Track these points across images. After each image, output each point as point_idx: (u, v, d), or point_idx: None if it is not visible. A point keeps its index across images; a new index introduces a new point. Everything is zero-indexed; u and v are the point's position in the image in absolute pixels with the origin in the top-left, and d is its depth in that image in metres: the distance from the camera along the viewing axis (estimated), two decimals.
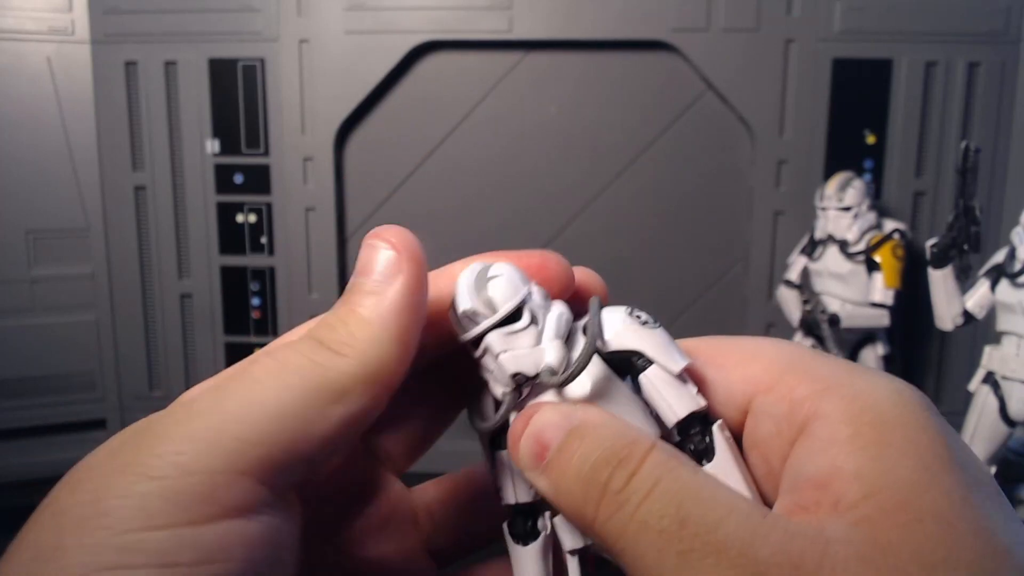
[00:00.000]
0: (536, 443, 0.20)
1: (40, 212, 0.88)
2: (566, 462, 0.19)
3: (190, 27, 0.87)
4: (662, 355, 0.21)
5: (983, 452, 0.69)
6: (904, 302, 0.80)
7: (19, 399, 0.89)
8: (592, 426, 0.19)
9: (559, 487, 0.19)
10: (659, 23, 0.86)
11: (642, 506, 0.17)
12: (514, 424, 0.21)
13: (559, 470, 0.19)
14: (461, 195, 0.93)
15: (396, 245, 0.21)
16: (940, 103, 0.87)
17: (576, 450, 0.19)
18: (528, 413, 0.20)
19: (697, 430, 0.20)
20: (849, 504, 0.16)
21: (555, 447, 0.19)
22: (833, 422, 0.18)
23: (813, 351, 0.21)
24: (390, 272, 0.21)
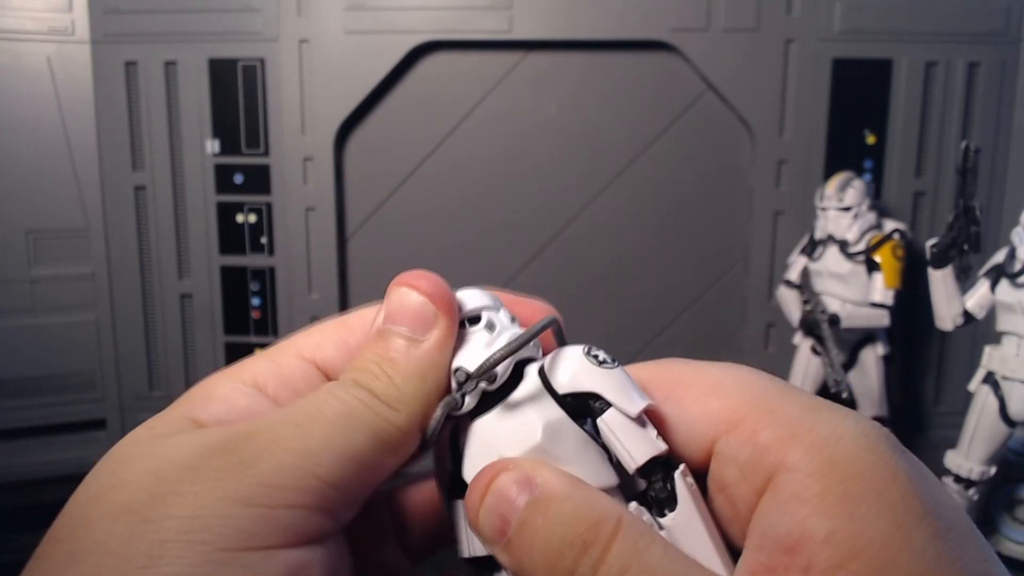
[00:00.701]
0: (496, 517, 0.19)
1: (40, 212, 0.88)
2: (528, 541, 0.19)
3: (190, 27, 0.87)
4: (619, 397, 0.20)
5: (983, 452, 0.69)
6: (904, 302, 0.80)
7: (19, 399, 0.89)
8: (554, 498, 0.19)
9: (522, 567, 0.19)
10: (659, 23, 0.86)
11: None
12: (471, 489, 0.20)
13: (521, 549, 0.19)
14: (461, 195, 0.93)
15: (432, 294, 0.21)
16: (940, 103, 0.87)
17: (538, 527, 0.19)
18: (485, 477, 0.20)
19: (658, 476, 0.19)
20: (820, 571, 0.16)
21: (516, 522, 0.19)
22: (801, 476, 0.17)
23: (775, 383, 0.20)
24: (427, 323, 0.21)
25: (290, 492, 0.18)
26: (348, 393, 0.21)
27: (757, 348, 0.92)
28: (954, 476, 0.71)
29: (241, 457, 0.18)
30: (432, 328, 0.21)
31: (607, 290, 0.94)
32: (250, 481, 0.18)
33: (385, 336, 0.22)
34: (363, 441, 0.20)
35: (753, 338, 0.92)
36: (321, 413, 0.20)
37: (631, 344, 0.94)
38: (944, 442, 0.74)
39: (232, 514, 0.17)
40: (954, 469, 0.71)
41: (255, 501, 0.18)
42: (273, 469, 0.18)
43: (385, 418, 0.20)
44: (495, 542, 0.19)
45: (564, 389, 0.20)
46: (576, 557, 0.18)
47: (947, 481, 0.72)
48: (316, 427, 0.20)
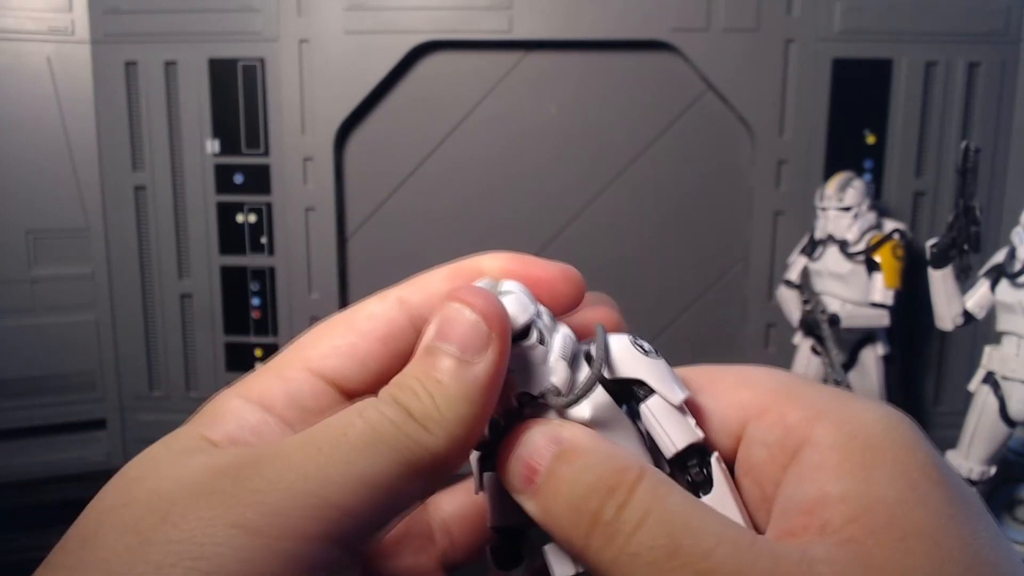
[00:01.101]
0: (524, 466, 0.20)
1: (40, 212, 0.88)
2: (555, 487, 0.19)
3: (190, 27, 0.87)
4: (663, 386, 0.21)
5: (983, 452, 0.69)
6: (904, 302, 0.80)
7: (19, 399, 0.89)
8: (581, 450, 0.19)
9: (549, 512, 0.19)
10: (659, 23, 0.86)
11: (633, 537, 0.17)
12: (504, 442, 0.21)
13: (548, 495, 0.19)
14: (461, 195, 0.93)
15: (487, 314, 0.20)
16: (940, 103, 0.87)
17: (565, 475, 0.19)
18: (516, 434, 0.20)
19: (695, 462, 0.20)
20: (835, 527, 0.17)
21: (544, 471, 0.19)
22: (823, 448, 0.18)
23: (803, 379, 0.21)
24: (479, 344, 0.20)
25: (302, 522, 0.17)
26: (379, 413, 0.19)
27: (757, 348, 0.92)
28: None
29: (252, 484, 0.18)
30: (484, 350, 0.20)
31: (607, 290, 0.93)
32: (259, 510, 0.17)
33: (433, 354, 0.20)
34: (389, 467, 0.18)
35: (753, 338, 0.92)
36: (344, 435, 0.19)
37: None
38: (944, 442, 0.74)
39: (238, 544, 0.17)
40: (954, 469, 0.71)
41: (263, 532, 0.17)
42: (284, 497, 0.17)
43: (417, 441, 0.19)
44: (523, 490, 0.20)
45: (614, 373, 0.21)
46: (601, 500, 0.18)
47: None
48: (337, 451, 0.18)
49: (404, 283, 0.24)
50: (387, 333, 0.23)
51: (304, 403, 0.22)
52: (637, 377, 0.21)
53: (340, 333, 0.23)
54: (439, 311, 0.21)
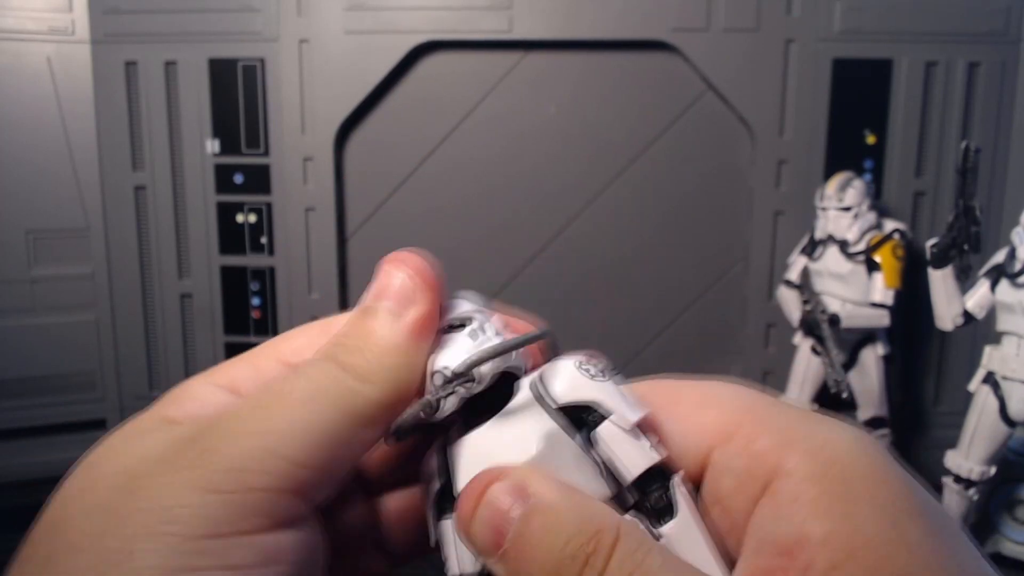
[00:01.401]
0: (490, 529, 0.19)
1: (40, 212, 0.88)
2: (526, 553, 0.18)
3: (190, 27, 0.87)
4: (615, 408, 0.20)
5: (983, 452, 0.69)
6: (904, 302, 0.80)
7: (19, 399, 0.89)
8: (549, 507, 0.19)
9: (522, 566, 0.18)
10: (659, 23, 0.86)
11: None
12: (462, 499, 0.20)
13: (520, 560, 0.18)
14: (461, 195, 0.93)
15: (416, 272, 0.22)
16: (940, 103, 0.87)
17: (535, 539, 0.18)
18: (476, 487, 0.19)
19: (656, 486, 0.20)
20: (818, 572, 0.16)
21: (512, 533, 0.19)
22: (797, 480, 0.18)
23: (766, 396, 0.20)
24: (408, 298, 0.21)
25: (255, 475, 0.18)
26: (317, 369, 0.20)
27: (757, 348, 0.92)
28: (954, 476, 0.71)
29: (206, 445, 0.18)
30: (413, 302, 0.21)
31: (607, 290, 0.94)
32: (215, 468, 0.18)
33: (366, 312, 0.22)
34: (332, 416, 0.20)
35: (753, 338, 0.92)
36: (288, 393, 0.20)
37: (631, 344, 0.94)
38: (944, 442, 0.74)
39: (198, 502, 0.17)
40: (954, 469, 0.71)
41: (221, 487, 0.18)
42: (237, 453, 0.18)
43: (356, 391, 0.20)
44: (490, 554, 0.19)
45: (560, 400, 0.20)
46: (578, 569, 0.18)
47: (947, 481, 0.72)
48: (281, 407, 0.19)
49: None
50: None
51: None
52: (588, 400, 0.20)
53: (315, 332, 0.24)
54: (376, 276, 0.22)
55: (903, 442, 0.89)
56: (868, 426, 0.84)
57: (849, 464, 0.18)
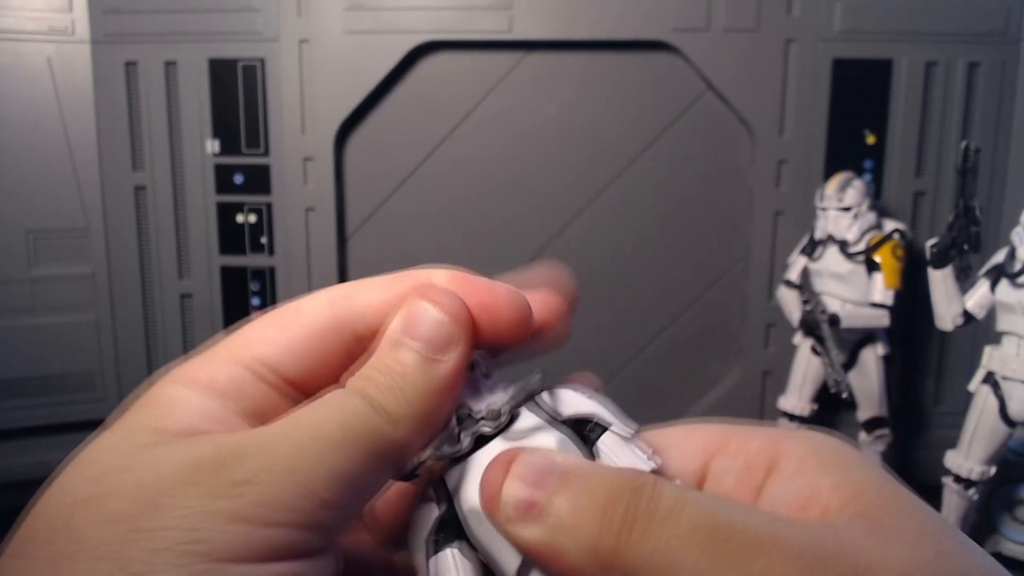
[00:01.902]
0: (525, 488, 0.19)
1: (40, 212, 0.88)
2: (570, 501, 0.19)
3: (190, 27, 0.87)
4: (615, 420, 0.21)
5: (983, 452, 0.69)
6: (904, 302, 0.80)
7: (19, 399, 0.89)
8: (586, 468, 0.19)
9: (563, 527, 0.18)
10: (659, 23, 0.86)
11: (672, 520, 0.17)
12: (487, 473, 0.20)
13: (561, 511, 0.19)
14: (461, 195, 0.93)
15: (453, 314, 0.21)
16: (940, 103, 0.87)
17: (580, 488, 0.19)
18: (502, 461, 0.20)
19: None
20: (835, 509, 0.18)
21: (550, 490, 0.19)
22: (798, 457, 0.20)
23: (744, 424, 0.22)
24: (444, 343, 0.21)
25: (284, 513, 0.18)
26: (351, 406, 0.20)
27: (757, 348, 0.92)
28: (954, 476, 0.71)
29: (235, 476, 0.18)
30: (449, 350, 0.21)
31: (607, 290, 0.94)
32: (245, 501, 0.18)
33: (398, 348, 0.21)
34: (361, 461, 0.20)
35: (753, 338, 0.92)
36: (322, 428, 0.20)
37: (631, 344, 0.94)
38: (944, 442, 0.74)
39: (226, 529, 0.18)
40: (954, 469, 0.71)
41: (250, 519, 0.18)
42: (268, 490, 0.18)
43: (386, 435, 0.20)
44: (520, 518, 0.19)
45: (564, 414, 0.21)
46: (632, 496, 0.18)
47: (947, 481, 0.72)
48: (314, 445, 0.19)
49: (358, 280, 0.24)
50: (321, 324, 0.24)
51: (244, 387, 0.22)
52: (586, 414, 0.21)
53: (276, 320, 0.24)
54: (405, 306, 0.21)
55: (903, 442, 0.89)
56: (868, 426, 0.84)
57: (835, 445, 0.20)
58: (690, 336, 0.94)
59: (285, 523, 0.18)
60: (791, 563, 0.16)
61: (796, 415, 0.86)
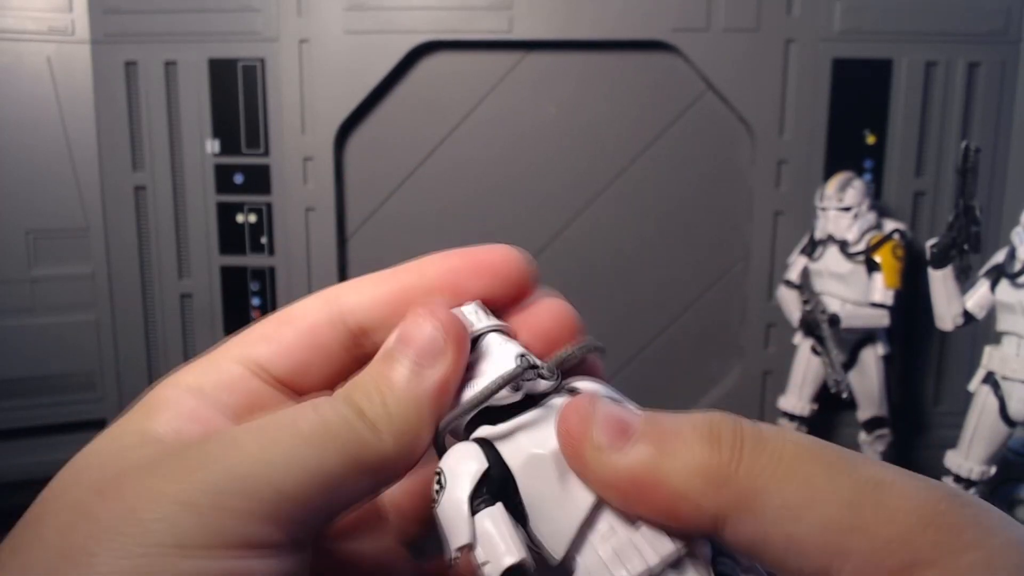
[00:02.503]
0: (617, 421, 0.19)
1: (40, 212, 0.88)
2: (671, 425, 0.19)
3: (190, 27, 0.87)
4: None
5: (983, 452, 0.69)
6: (904, 302, 0.80)
7: (19, 399, 0.89)
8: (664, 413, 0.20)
9: (667, 450, 0.18)
10: (659, 23, 0.86)
11: (779, 436, 0.18)
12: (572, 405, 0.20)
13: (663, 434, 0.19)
14: (461, 195, 0.93)
15: (446, 327, 0.21)
16: (940, 103, 0.87)
17: (676, 417, 0.19)
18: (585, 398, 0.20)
19: None
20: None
21: (642, 422, 0.19)
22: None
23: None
24: (434, 354, 0.21)
25: (239, 500, 0.18)
26: (332, 409, 0.20)
27: (757, 348, 0.92)
28: (954, 476, 0.71)
29: (191, 462, 0.18)
30: (438, 360, 0.21)
31: (607, 290, 0.94)
32: (195, 482, 0.18)
33: (390, 359, 0.21)
34: (335, 461, 0.19)
35: (753, 338, 0.92)
36: (294, 424, 0.19)
37: (632, 344, 0.94)
38: (944, 442, 0.74)
39: (169, 513, 0.17)
40: (954, 469, 0.71)
41: (197, 502, 0.17)
42: (222, 475, 0.18)
43: (365, 441, 0.20)
44: (614, 444, 0.19)
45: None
46: (732, 425, 0.18)
47: (947, 481, 0.72)
48: (283, 436, 0.19)
49: (349, 281, 0.25)
50: (314, 325, 0.24)
51: (235, 388, 0.22)
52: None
53: (271, 324, 0.24)
54: (403, 321, 0.22)
55: (903, 442, 0.89)
56: (868, 426, 0.84)
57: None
58: (690, 336, 0.94)
59: (236, 508, 0.18)
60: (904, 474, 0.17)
61: (796, 415, 0.86)
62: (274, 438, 0.19)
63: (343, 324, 0.24)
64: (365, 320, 0.24)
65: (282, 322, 0.24)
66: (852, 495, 0.16)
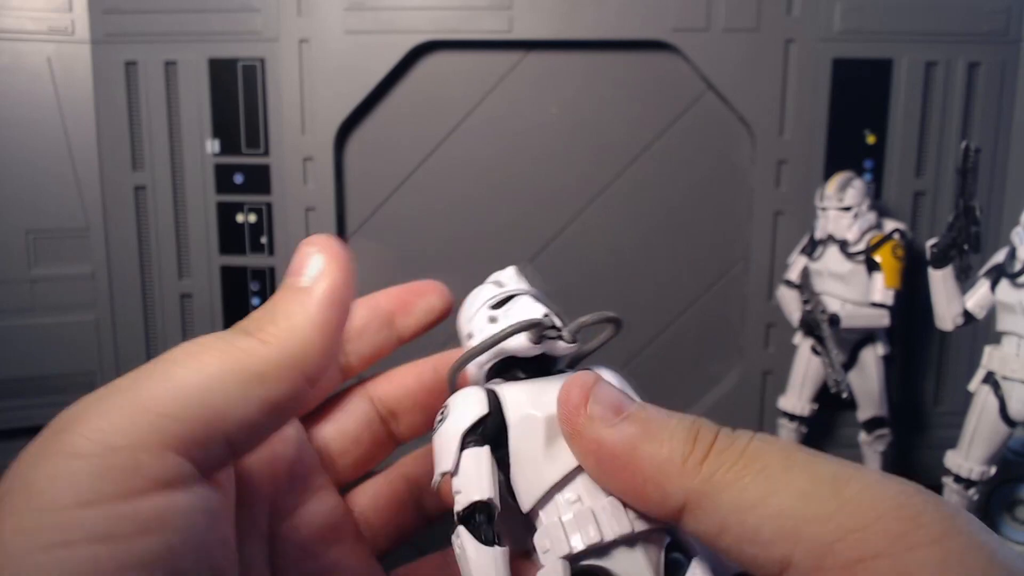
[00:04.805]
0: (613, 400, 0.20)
1: (40, 212, 0.88)
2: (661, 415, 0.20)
3: (190, 27, 0.87)
4: None
5: (983, 452, 0.69)
6: (904, 302, 0.80)
7: (19, 399, 0.89)
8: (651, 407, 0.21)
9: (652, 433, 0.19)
10: (659, 23, 0.86)
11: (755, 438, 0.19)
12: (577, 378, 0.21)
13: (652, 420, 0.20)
14: (461, 195, 0.93)
15: (325, 250, 0.23)
16: (940, 103, 0.87)
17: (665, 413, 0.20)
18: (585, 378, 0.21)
19: None
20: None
21: (635, 407, 0.20)
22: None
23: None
24: (316, 273, 0.23)
25: (118, 434, 0.17)
26: (214, 335, 0.21)
27: (757, 348, 0.92)
28: (954, 476, 0.71)
29: (74, 413, 0.18)
30: (320, 280, 0.23)
31: (607, 290, 0.94)
32: (76, 432, 0.17)
33: (280, 288, 0.23)
34: (214, 373, 0.19)
35: (753, 338, 0.92)
36: (165, 357, 0.20)
37: (631, 344, 0.94)
38: (944, 442, 0.74)
39: (62, 471, 0.16)
40: (954, 469, 0.71)
41: (82, 451, 0.17)
42: (103, 412, 0.17)
43: (246, 350, 0.20)
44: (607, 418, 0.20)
45: None
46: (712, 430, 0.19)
47: (947, 481, 0.72)
48: (154, 367, 0.19)
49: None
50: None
51: None
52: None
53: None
54: (293, 257, 0.24)
55: (903, 442, 0.89)
56: (868, 426, 0.84)
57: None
58: (690, 336, 0.94)
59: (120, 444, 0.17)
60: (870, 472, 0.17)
61: (796, 415, 0.86)
62: (146, 369, 0.19)
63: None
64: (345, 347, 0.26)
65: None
66: (808, 487, 0.17)
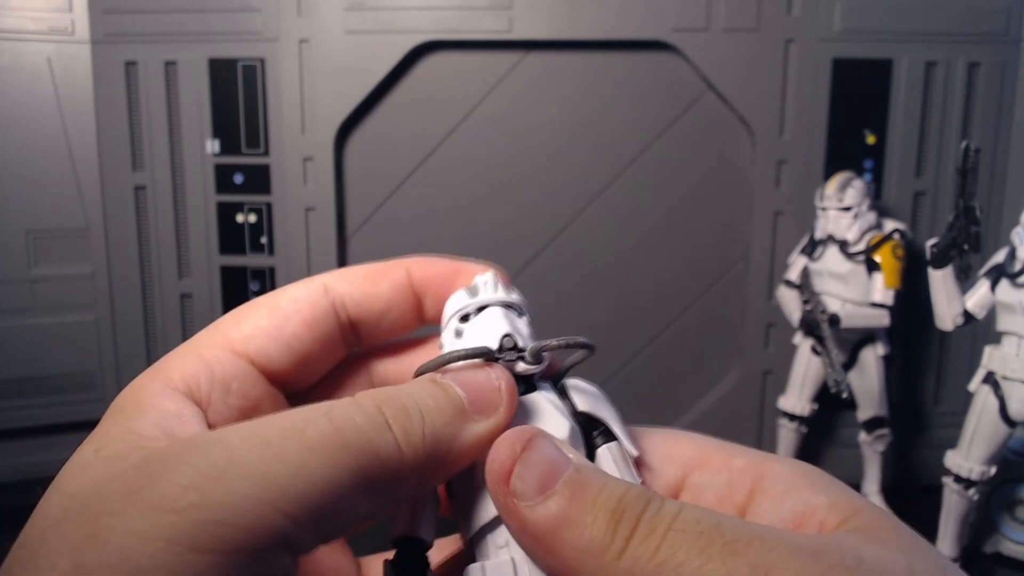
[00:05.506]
0: (540, 472, 0.18)
1: (40, 212, 0.88)
2: (582, 497, 0.18)
3: (190, 27, 0.87)
4: (621, 436, 0.22)
5: (983, 452, 0.69)
6: (904, 302, 0.80)
7: (19, 399, 0.89)
8: (598, 470, 0.19)
9: (570, 519, 0.18)
10: (659, 23, 0.86)
11: (679, 518, 0.17)
12: (500, 443, 0.19)
13: (571, 504, 0.18)
14: (461, 195, 0.93)
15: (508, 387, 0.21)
16: (940, 103, 0.87)
17: (593, 486, 0.18)
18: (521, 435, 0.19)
19: None
20: (834, 526, 0.18)
21: (566, 478, 0.18)
22: (788, 476, 0.20)
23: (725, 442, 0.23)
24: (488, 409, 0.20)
25: (244, 534, 0.15)
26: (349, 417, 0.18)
27: (757, 348, 0.92)
28: (954, 476, 0.71)
29: (184, 481, 0.16)
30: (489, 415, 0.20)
31: (607, 290, 0.94)
32: (196, 519, 0.15)
33: (445, 389, 0.20)
34: (344, 474, 0.17)
35: (753, 338, 0.92)
36: (302, 431, 0.17)
37: (632, 344, 0.94)
38: (944, 442, 0.74)
39: (175, 563, 0.15)
40: (954, 469, 0.71)
41: (202, 546, 0.15)
42: (223, 502, 0.15)
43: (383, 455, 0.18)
44: (529, 498, 0.18)
45: (580, 408, 0.22)
46: (642, 503, 0.18)
47: (947, 481, 0.72)
48: (289, 447, 0.16)
49: (329, 272, 0.24)
50: (312, 316, 0.23)
51: (227, 384, 0.21)
52: (600, 418, 0.22)
53: (264, 314, 0.22)
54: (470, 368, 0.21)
55: (903, 442, 0.89)
56: (868, 426, 0.84)
57: (821, 471, 0.21)
58: (690, 336, 0.94)
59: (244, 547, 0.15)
60: (794, 553, 0.16)
61: (796, 415, 0.86)
62: (274, 445, 0.16)
63: (335, 314, 0.23)
64: (357, 314, 0.23)
65: (275, 312, 0.22)
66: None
